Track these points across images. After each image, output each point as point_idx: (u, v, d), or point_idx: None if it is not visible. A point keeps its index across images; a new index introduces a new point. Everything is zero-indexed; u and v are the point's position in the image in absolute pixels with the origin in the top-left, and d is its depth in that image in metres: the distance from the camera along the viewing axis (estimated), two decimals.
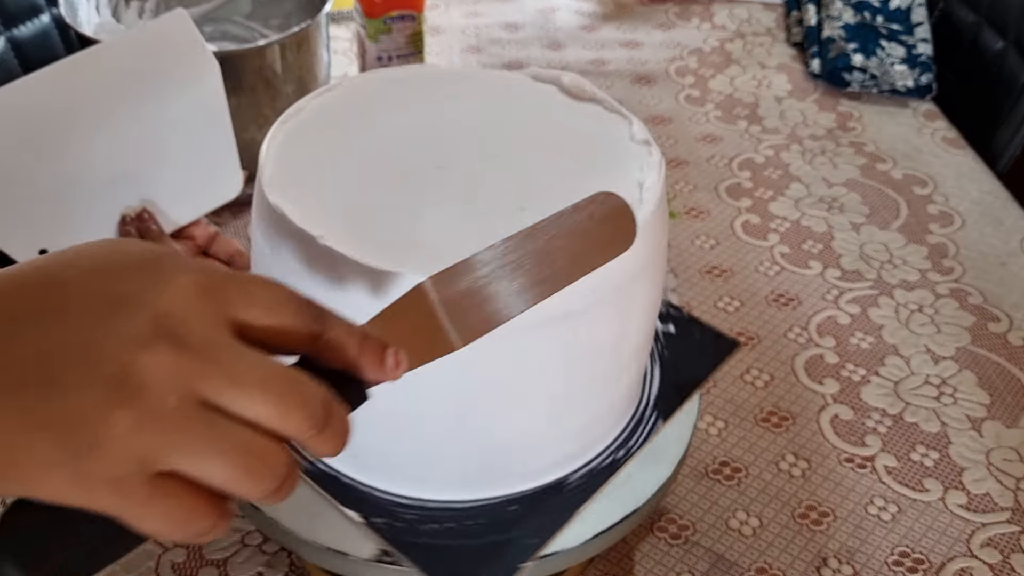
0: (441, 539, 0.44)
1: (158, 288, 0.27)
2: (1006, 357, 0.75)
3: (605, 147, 0.48)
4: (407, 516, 0.45)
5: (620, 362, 0.46)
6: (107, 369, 0.25)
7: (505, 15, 1.21)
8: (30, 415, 0.25)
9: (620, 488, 0.48)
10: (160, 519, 0.26)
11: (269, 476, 0.26)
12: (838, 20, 1.09)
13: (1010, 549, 0.61)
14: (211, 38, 0.93)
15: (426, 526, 0.45)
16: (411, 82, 0.52)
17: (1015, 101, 1.02)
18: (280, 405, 0.27)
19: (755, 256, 0.84)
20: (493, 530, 0.45)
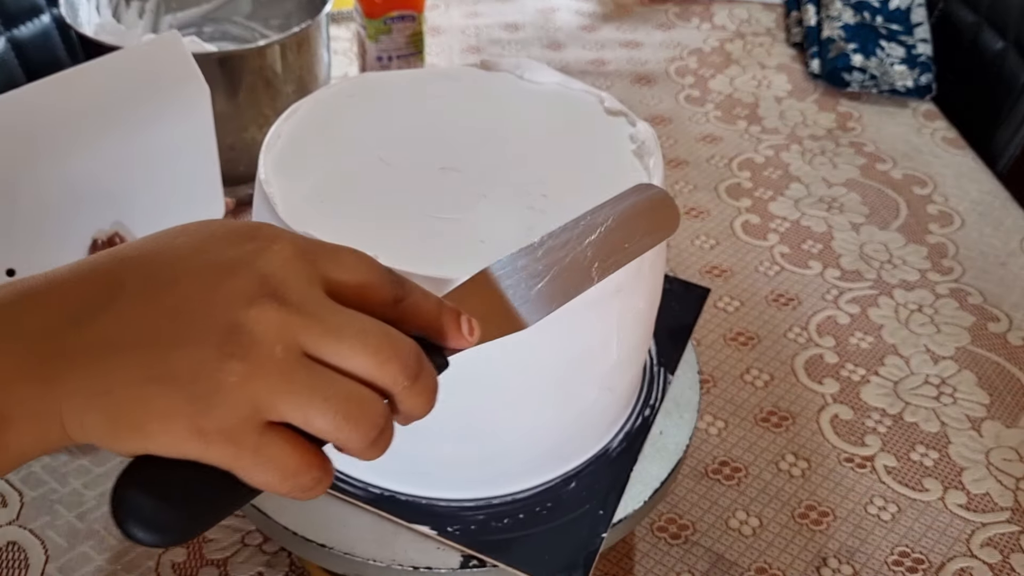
0: (518, 531, 0.45)
1: (259, 253, 0.29)
2: (1006, 357, 0.75)
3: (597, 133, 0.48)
4: (478, 518, 0.46)
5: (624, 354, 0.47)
6: (219, 325, 0.27)
7: (505, 15, 1.21)
8: (150, 370, 0.27)
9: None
10: (269, 469, 0.27)
11: (368, 423, 0.28)
12: (838, 20, 1.10)
13: (1010, 549, 0.61)
14: (211, 38, 0.93)
15: (498, 523, 0.46)
16: (410, 81, 0.52)
17: (1015, 101, 1.02)
18: (376, 355, 0.28)
19: (755, 256, 0.84)
20: (561, 511, 0.46)
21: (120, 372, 0.27)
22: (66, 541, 0.58)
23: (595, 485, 0.48)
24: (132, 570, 0.57)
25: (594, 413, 0.47)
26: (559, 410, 0.45)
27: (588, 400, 0.46)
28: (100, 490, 0.61)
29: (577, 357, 0.44)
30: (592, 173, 0.46)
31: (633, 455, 0.49)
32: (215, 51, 0.79)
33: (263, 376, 0.27)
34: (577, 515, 0.46)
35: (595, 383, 0.46)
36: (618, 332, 0.44)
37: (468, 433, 0.44)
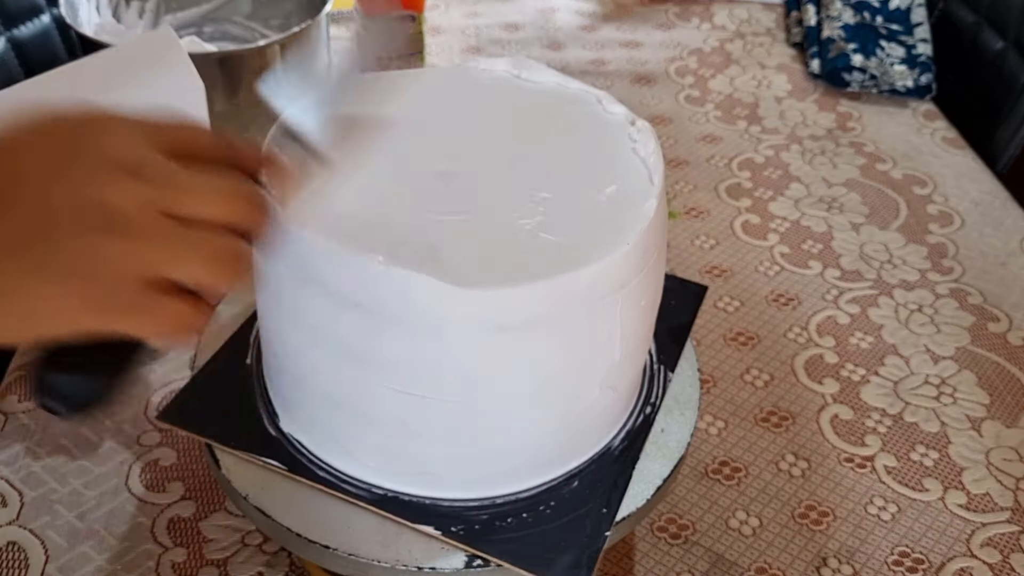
0: (521, 530, 0.45)
1: (100, 136, 0.32)
2: (1006, 357, 0.75)
3: (597, 132, 0.49)
4: (481, 518, 0.46)
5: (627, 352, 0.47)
6: (85, 209, 0.31)
7: (505, 15, 1.21)
8: (34, 264, 0.31)
9: None
10: (158, 321, 0.32)
11: (233, 262, 0.33)
12: (838, 20, 1.10)
13: (1010, 549, 0.61)
14: (211, 38, 0.93)
15: (502, 522, 0.46)
16: (409, 81, 0.52)
17: (1015, 101, 1.02)
18: (226, 201, 0.33)
19: (755, 256, 0.84)
20: (565, 510, 0.46)
21: (9, 274, 0.31)
22: (66, 541, 0.58)
23: (598, 483, 0.48)
24: (132, 570, 0.57)
25: (596, 411, 0.47)
26: (562, 409, 0.45)
27: (591, 398, 0.46)
28: (100, 490, 0.61)
29: (580, 355, 0.44)
30: (591, 172, 0.46)
31: (635, 453, 0.49)
32: (215, 51, 0.79)
33: (138, 243, 0.31)
34: (580, 513, 0.46)
35: (598, 381, 0.46)
36: (621, 329, 0.44)
37: (471, 433, 0.45)
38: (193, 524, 0.60)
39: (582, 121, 0.50)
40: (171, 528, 0.59)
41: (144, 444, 0.64)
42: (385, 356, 0.42)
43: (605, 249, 0.41)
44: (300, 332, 0.44)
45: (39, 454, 0.63)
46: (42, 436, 0.64)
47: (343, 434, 0.46)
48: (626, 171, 0.46)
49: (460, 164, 0.46)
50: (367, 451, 0.46)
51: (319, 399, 0.46)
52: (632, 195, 0.45)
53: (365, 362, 0.42)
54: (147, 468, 0.63)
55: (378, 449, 0.46)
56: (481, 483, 0.46)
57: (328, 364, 0.44)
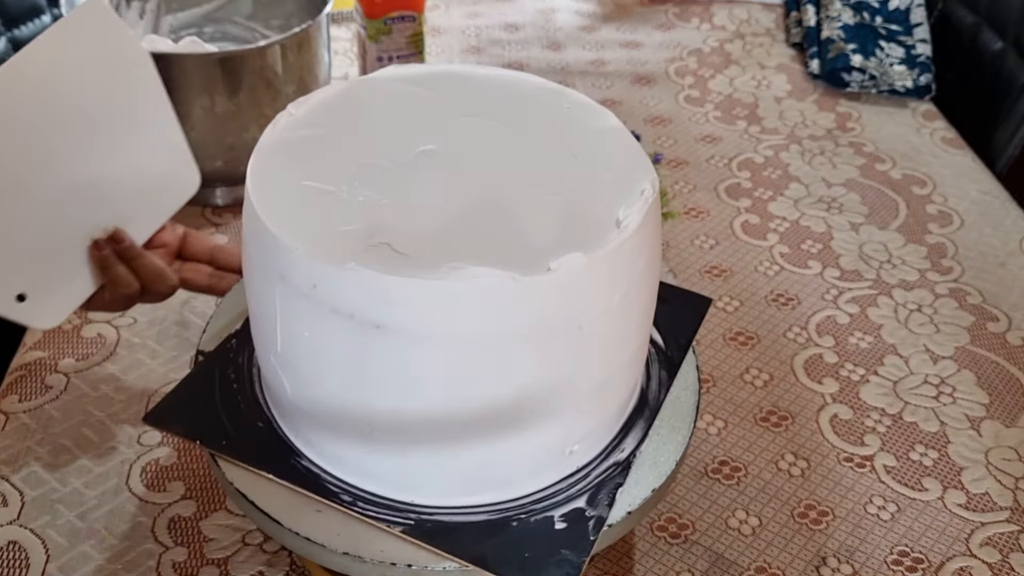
0: (506, 536, 0.45)
1: None
2: (1005, 357, 0.75)
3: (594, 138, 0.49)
4: (471, 522, 0.46)
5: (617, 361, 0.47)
6: None
7: (505, 16, 1.21)
8: None
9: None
10: None
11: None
12: (837, 21, 1.10)
13: (1009, 548, 0.61)
14: (212, 39, 0.93)
15: (487, 528, 0.46)
16: (409, 82, 0.52)
17: (1014, 101, 1.02)
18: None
19: (754, 256, 0.84)
20: (551, 517, 0.46)
21: None
22: (67, 540, 0.58)
23: (586, 492, 0.47)
24: (132, 569, 0.57)
25: (585, 420, 0.47)
26: (547, 417, 0.45)
27: (578, 408, 0.46)
28: (101, 489, 0.61)
29: (564, 364, 0.44)
30: (589, 177, 0.46)
31: (626, 463, 0.49)
32: (216, 51, 0.79)
33: None
34: (567, 521, 0.46)
35: (585, 389, 0.45)
36: (609, 338, 0.44)
37: (457, 439, 0.44)
38: (194, 523, 0.60)
39: (580, 127, 0.50)
40: (172, 527, 0.59)
41: (145, 444, 0.64)
42: (362, 358, 0.42)
43: (592, 256, 0.41)
44: (284, 334, 0.44)
45: (40, 453, 0.63)
46: (43, 435, 0.65)
47: (322, 435, 0.46)
48: (625, 172, 0.46)
49: (457, 165, 0.46)
50: (348, 452, 0.46)
51: (302, 398, 0.46)
52: (623, 202, 0.44)
53: (343, 364, 0.43)
54: (148, 467, 0.63)
55: (359, 451, 0.46)
56: (466, 489, 0.46)
57: (306, 364, 0.44)
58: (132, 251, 0.57)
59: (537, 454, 0.47)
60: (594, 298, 0.42)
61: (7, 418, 0.66)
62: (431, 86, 0.52)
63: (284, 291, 0.42)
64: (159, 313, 0.75)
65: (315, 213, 0.43)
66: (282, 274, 0.42)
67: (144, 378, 0.69)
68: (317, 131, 0.48)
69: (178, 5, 0.91)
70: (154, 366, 0.70)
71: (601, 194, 0.45)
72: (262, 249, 0.43)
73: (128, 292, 0.57)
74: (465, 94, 0.52)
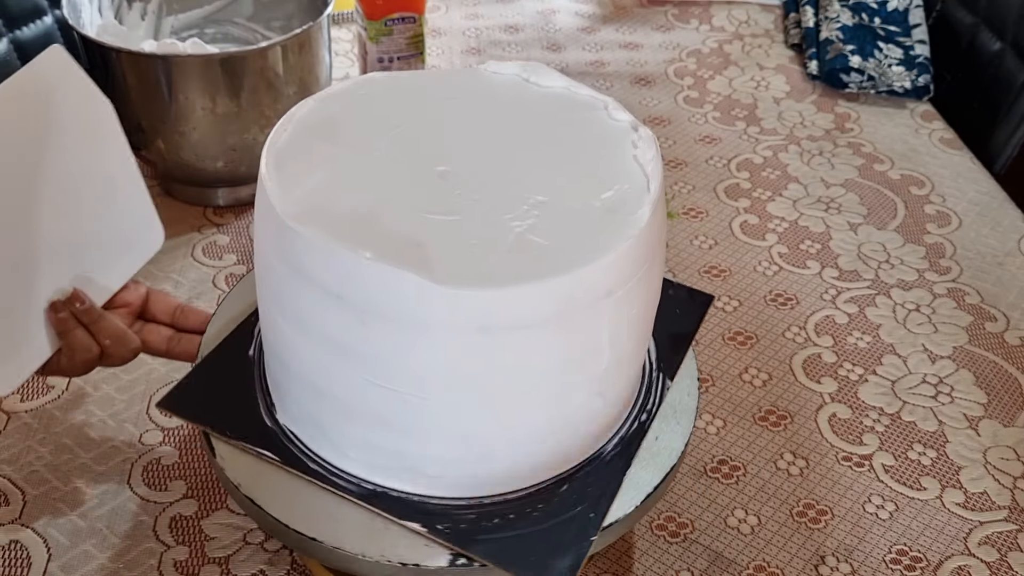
0: (507, 531, 0.45)
1: None
2: (1003, 356, 0.75)
3: (599, 138, 0.49)
4: (468, 517, 0.46)
5: (616, 359, 0.47)
6: None
7: (505, 17, 1.21)
8: None
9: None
10: None
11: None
12: (836, 22, 1.10)
13: (1007, 547, 0.61)
14: (213, 40, 0.93)
15: (488, 522, 0.46)
16: (411, 82, 0.53)
17: (1012, 102, 1.02)
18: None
19: (753, 256, 0.85)
20: (552, 513, 0.46)
21: None
22: (68, 539, 0.59)
23: (587, 488, 0.48)
24: (134, 568, 0.57)
25: (585, 417, 0.47)
26: (548, 413, 0.45)
27: (578, 404, 0.46)
28: (102, 488, 0.62)
29: (565, 360, 0.44)
30: (589, 177, 0.47)
31: (627, 460, 0.49)
32: (217, 52, 0.79)
33: None
34: (568, 517, 0.46)
35: (585, 387, 0.46)
36: (609, 336, 0.44)
37: (457, 433, 0.45)
38: (195, 522, 0.60)
39: (586, 127, 0.50)
40: (173, 526, 0.60)
41: (146, 443, 0.65)
42: (370, 351, 0.42)
43: (593, 255, 0.41)
44: (293, 324, 0.45)
45: (41, 453, 0.64)
46: (44, 435, 0.65)
47: (332, 427, 0.47)
48: (625, 178, 0.46)
49: (459, 165, 0.47)
50: (355, 445, 0.47)
51: (310, 391, 0.46)
52: (628, 202, 0.45)
53: (351, 356, 0.43)
54: (149, 467, 0.63)
55: (365, 444, 0.46)
56: (469, 482, 0.47)
57: (317, 357, 0.44)
58: (92, 313, 0.53)
59: (538, 450, 0.47)
60: (606, 290, 0.43)
61: (9, 417, 0.66)
62: (447, 85, 0.52)
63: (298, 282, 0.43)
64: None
65: (332, 206, 0.43)
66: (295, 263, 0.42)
67: (145, 378, 0.69)
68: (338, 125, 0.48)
69: (179, 7, 0.91)
70: (155, 366, 0.70)
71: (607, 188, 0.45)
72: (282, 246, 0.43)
73: (87, 357, 0.54)
74: (478, 95, 0.52)
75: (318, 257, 0.41)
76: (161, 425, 0.66)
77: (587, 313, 0.43)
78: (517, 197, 0.45)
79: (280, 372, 0.49)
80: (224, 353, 0.54)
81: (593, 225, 0.43)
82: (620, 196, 0.45)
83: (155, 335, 0.58)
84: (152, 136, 0.80)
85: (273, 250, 0.44)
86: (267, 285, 0.47)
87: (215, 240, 0.83)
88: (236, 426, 0.49)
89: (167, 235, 0.84)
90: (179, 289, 0.78)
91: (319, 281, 0.42)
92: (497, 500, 0.47)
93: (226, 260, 0.81)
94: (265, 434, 0.49)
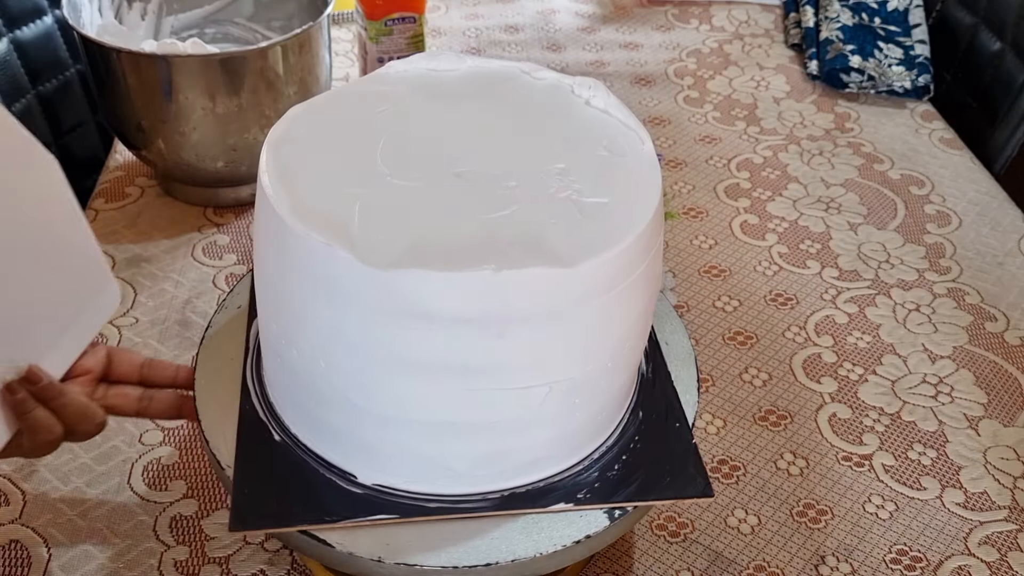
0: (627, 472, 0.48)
1: None
2: (1003, 356, 0.75)
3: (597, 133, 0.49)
4: (591, 477, 0.48)
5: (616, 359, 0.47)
6: None
7: (505, 17, 1.21)
8: None
9: None
10: None
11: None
12: (836, 21, 1.10)
13: (1007, 547, 0.61)
14: (213, 40, 0.93)
15: (611, 472, 0.48)
16: (411, 83, 0.53)
17: (1012, 102, 1.02)
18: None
19: (753, 256, 0.85)
20: (640, 455, 0.49)
21: None
22: (68, 539, 0.59)
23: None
24: (134, 568, 0.57)
25: (590, 414, 0.48)
26: (552, 411, 0.46)
27: (580, 403, 0.46)
28: (102, 488, 0.62)
29: (566, 360, 0.44)
30: (592, 175, 0.47)
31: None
32: (217, 52, 0.79)
33: None
34: (658, 442, 0.49)
35: (586, 387, 0.46)
36: (611, 335, 0.45)
37: (460, 432, 0.45)
38: (195, 522, 0.60)
39: (584, 122, 0.50)
40: (173, 526, 0.60)
41: (146, 443, 0.65)
42: (370, 350, 0.42)
43: (594, 251, 0.41)
44: (292, 324, 0.45)
45: None
46: None
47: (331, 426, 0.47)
48: (625, 176, 0.46)
49: (461, 163, 0.47)
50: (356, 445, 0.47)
51: (310, 392, 0.46)
52: (627, 199, 0.45)
53: (352, 355, 0.43)
54: (149, 467, 0.63)
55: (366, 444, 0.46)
56: (471, 480, 0.47)
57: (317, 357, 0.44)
58: (51, 390, 0.48)
59: (539, 445, 0.47)
60: (608, 285, 0.43)
61: None
62: (447, 81, 0.52)
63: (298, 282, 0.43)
64: (161, 313, 0.75)
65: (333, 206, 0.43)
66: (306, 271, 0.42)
67: None
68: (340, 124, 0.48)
69: (179, 6, 0.91)
70: None
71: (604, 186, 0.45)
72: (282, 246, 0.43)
73: (51, 438, 0.49)
74: (479, 90, 0.52)
75: (319, 258, 0.41)
76: (161, 425, 0.66)
77: (592, 310, 0.43)
78: (517, 195, 0.45)
79: (280, 372, 0.49)
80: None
81: (598, 220, 0.43)
82: (619, 192, 0.45)
83: (123, 399, 0.53)
84: (152, 136, 0.80)
85: (273, 251, 0.44)
86: (267, 285, 0.47)
87: (215, 240, 0.83)
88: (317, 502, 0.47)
89: (167, 235, 0.84)
90: (179, 289, 0.78)
91: (321, 282, 0.42)
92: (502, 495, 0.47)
93: (226, 260, 0.81)
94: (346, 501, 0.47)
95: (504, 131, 0.49)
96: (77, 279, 0.51)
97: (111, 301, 0.53)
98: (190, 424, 0.65)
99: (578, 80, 0.53)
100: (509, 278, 0.40)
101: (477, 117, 0.50)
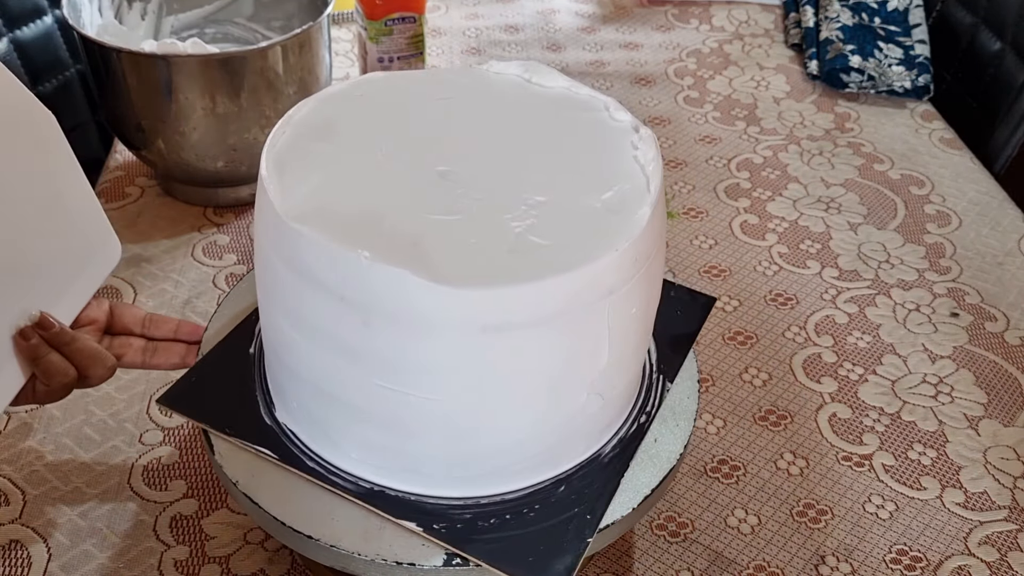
0: (503, 531, 0.45)
1: None
2: (1003, 356, 0.75)
3: (600, 138, 0.49)
4: (464, 516, 0.46)
5: (616, 359, 0.47)
6: None
7: (505, 17, 1.21)
8: None
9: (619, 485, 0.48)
10: None
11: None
12: (836, 21, 1.10)
13: (1007, 547, 0.61)
14: (213, 40, 0.93)
15: (485, 522, 0.46)
16: (412, 82, 0.53)
17: (1012, 102, 1.02)
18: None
19: (753, 256, 0.85)
20: (549, 513, 0.46)
21: None
22: (68, 539, 0.59)
23: (585, 489, 0.48)
24: (134, 568, 0.57)
25: (584, 417, 0.47)
26: (546, 413, 0.45)
27: (577, 404, 0.46)
28: (102, 488, 0.62)
29: (564, 360, 0.44)
30: (590, 177, 0.47)
31: (625, 461, 0.49)
32: (217, 52, 0.79)
33: None
34: (564, 518, 0.46)
35: (584, 387, 0.46)
36: (609, 336, 0.44)
37: (454, 431, 0.45)
38: (195, 522, 0.60)
39: (587, 127, 0.50)
40: (173, 526, 0.60)
41: (146, 443, 0.65)
42: (370, 351, 0.42)
43: (593, 254, 0.41)
44: (293, 324, 0.45)
45: (41, 452, 0.64)
46: (45, 435, 0.65)
47: (332, 426, 0.47)
48: (625, 178, 0.46)
49: (460, 165, 0.47)
50: (354, 444, 0.47)
51: (310, 390, 0.46)
52: (628, 202, 0.45)
53: (351, 355, 0.43)
54: (149, 466, 0.63)
55: (364, 442, 0.46)
56: (466, 482, 0.47)
57: (317, 356, 0.44)
58: (64, 335, 0.51)
59: (537, 450, 0.47)
60: (609, 288, 0.43)
61: (9, 417, 0.66)
62: (447, 85, 0.52)
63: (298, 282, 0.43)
64: (161, 313, 0.75)
65: (333, 206, 0.43)
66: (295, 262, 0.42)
67: (145, 377, 0.69)
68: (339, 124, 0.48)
69: (179, 6, 0.92)
70: None
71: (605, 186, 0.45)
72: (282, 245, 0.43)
73: (65, 381, 0.51)
74: (479, 95, 0.52)
75: (318, 257, 0.41)
76: (161, 425, 0.66)
77: (587, 313, 0.43)
78: (517, 197, 0.45)
79: (279, 371, 0.49)
80: (224, 351, 0.54)
81: (593, 225, 0.43)
82: (620, 196, 0.45)
83: (128, 349, 0.55)
84: (152, 136, 0.80)
85: (273, 250, 0.44)
86: (267, 285, 0.47)
87: (215, 240, 0.83)
88: (235, 424, 0.49)
89: (167, 235, 0.85)
90: (179, 289, 0.78)
91: (319, 281, 0.42)
92: (495, 500, 0.47)
93: (226, 260, 0.81)
94: (264, 432, 0.49)
95: (510, 136, 0.49)
96: (80, 231, 0.53)
97: (113, 253, 0.56)
98: (190, 424, 0.65)
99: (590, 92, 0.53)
100: (507, 294, 0.40)
101: (478, 119, 0.50)
